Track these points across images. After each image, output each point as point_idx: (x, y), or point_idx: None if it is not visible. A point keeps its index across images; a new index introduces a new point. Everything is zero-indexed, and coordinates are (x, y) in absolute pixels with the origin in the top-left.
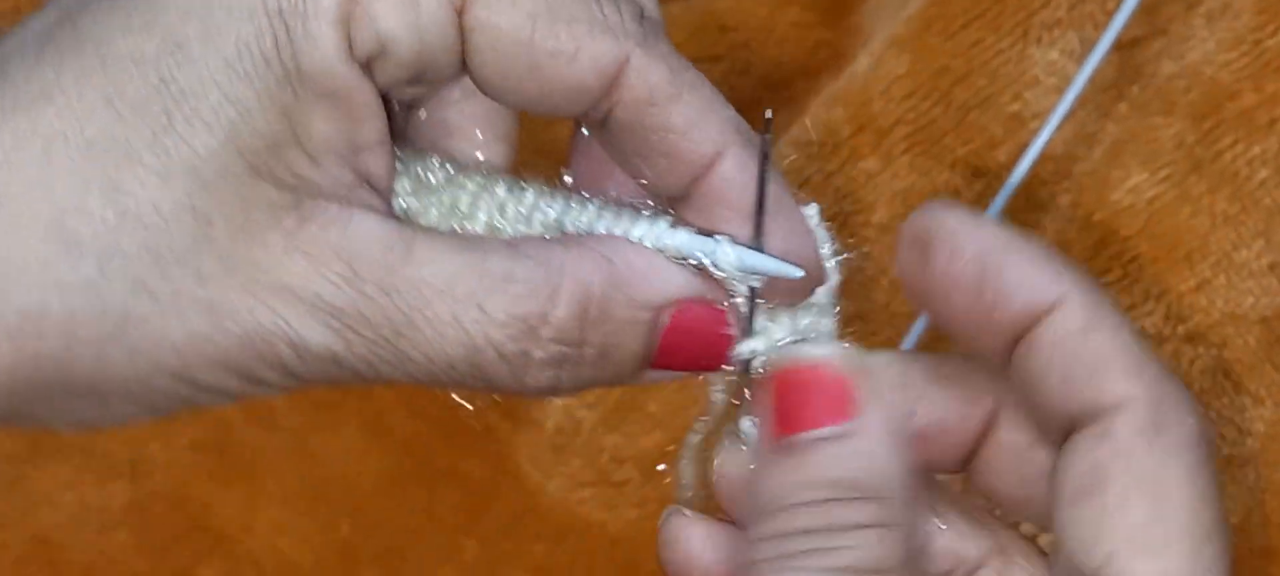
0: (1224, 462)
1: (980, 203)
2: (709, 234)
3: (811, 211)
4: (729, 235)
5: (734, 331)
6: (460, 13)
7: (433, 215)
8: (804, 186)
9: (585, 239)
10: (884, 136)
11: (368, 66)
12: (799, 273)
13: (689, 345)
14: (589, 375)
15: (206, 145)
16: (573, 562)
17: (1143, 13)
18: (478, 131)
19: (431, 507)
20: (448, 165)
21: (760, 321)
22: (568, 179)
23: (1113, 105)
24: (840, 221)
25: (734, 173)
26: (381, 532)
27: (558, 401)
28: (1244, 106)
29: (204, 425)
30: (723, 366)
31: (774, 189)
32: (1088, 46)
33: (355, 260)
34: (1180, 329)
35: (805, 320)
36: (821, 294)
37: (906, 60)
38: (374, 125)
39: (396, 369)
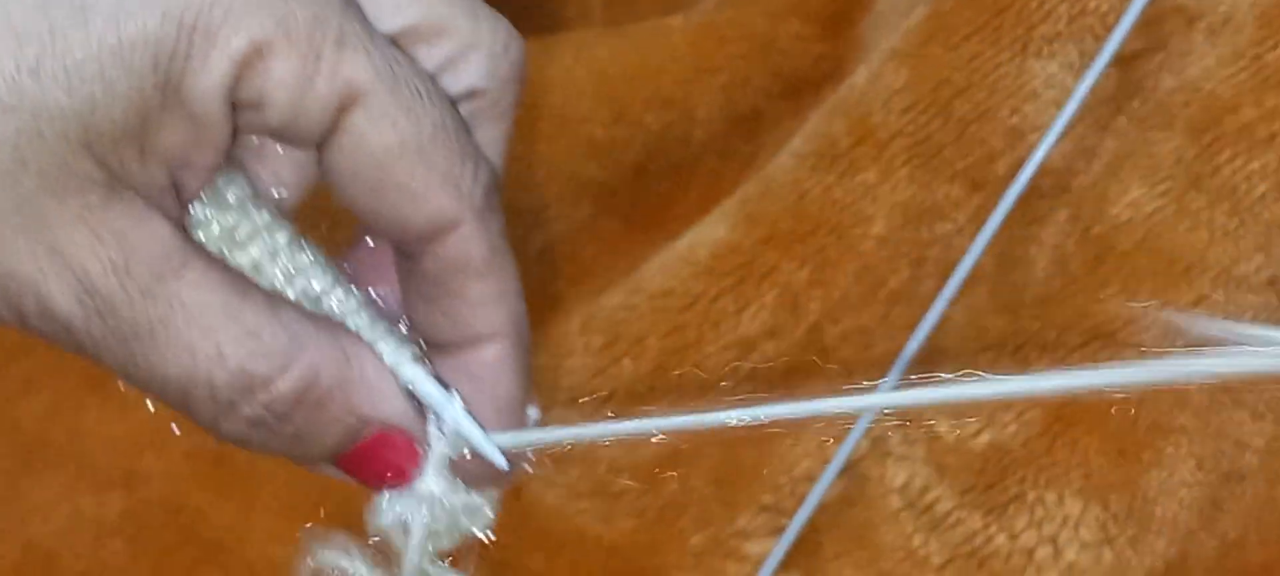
0: (1223, 478)
1: (980, 215)
2: (446, 387)
3: (533, 413)
4: (463, 399)
5: (417, 473)
6: (342, 110)
7: (213, 230)
8: (803, 199)
9: (335, 328)
10: (883, 149)
11: (235, 108)
12: (503, 465)
13: (375, 466)
14: (277, 447)
15: (58, 103)
16: (570, 573)
17: (1142, 27)
18: (285, 171)
19: None
20: (248, 191)
21: (434, 479)
22: (346, 264)
23: (1112, 119)
24: (838, 233)
25: (497, 361)
26: None
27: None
28: (1244, 121)
29: (200, 434)
30: (399, 487)
31: (518, 386)
32: (1087, 60)
33: (132, 255)
34: (1179, 343)
35: (467, 498)
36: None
37: (906, 73)
38: (213, 155)
39: (115, 362)
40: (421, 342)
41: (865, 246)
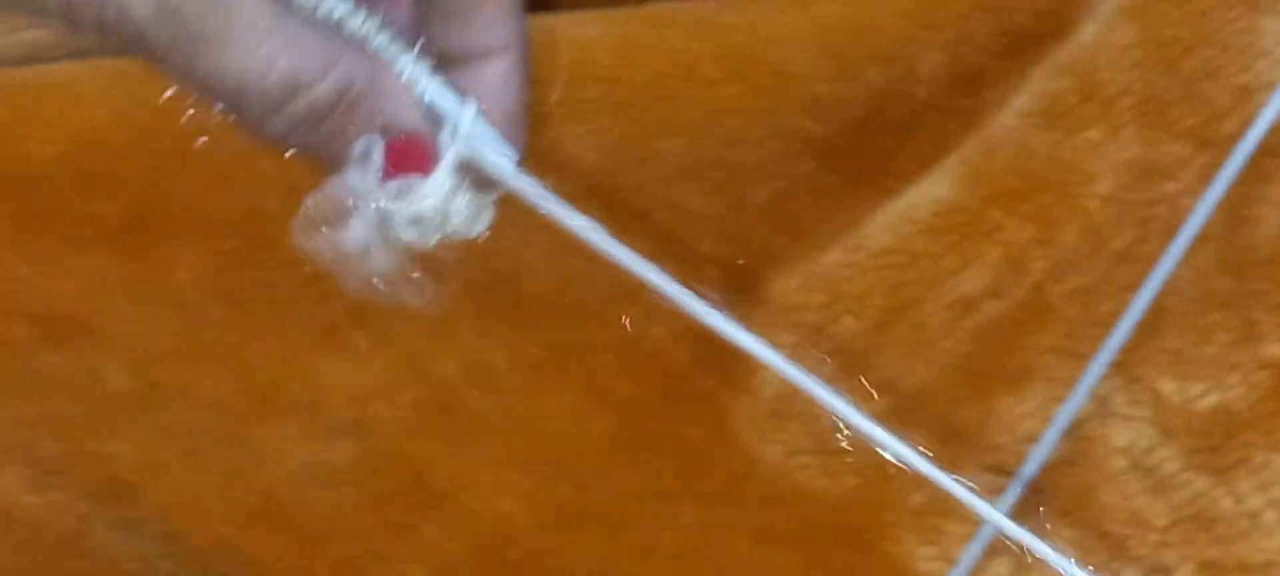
0: None
1: (1207, 174)
2: (460, 96)
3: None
4: (477, 105)
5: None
6: None
7: None
8: (1027, 157)
9: (362, 45)
10: (1109, 106)
11: None
12: (512, 166)
13: (394, 163)
14: (312, 144)
15: None
16: (792, 529)
17: None
18: None
19: (650, 472)
20: None
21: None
22: None
23: None
24: (1063, 192)
25: (506, 71)
26: (600, 495)
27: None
28: None
29: (427, 386)
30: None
31: (522, 97)
32: None
33: None
34: None
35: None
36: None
37: (1134, 29)
38: None
39: (179, 64)
40: (433, 58)
41: (1090, 205)
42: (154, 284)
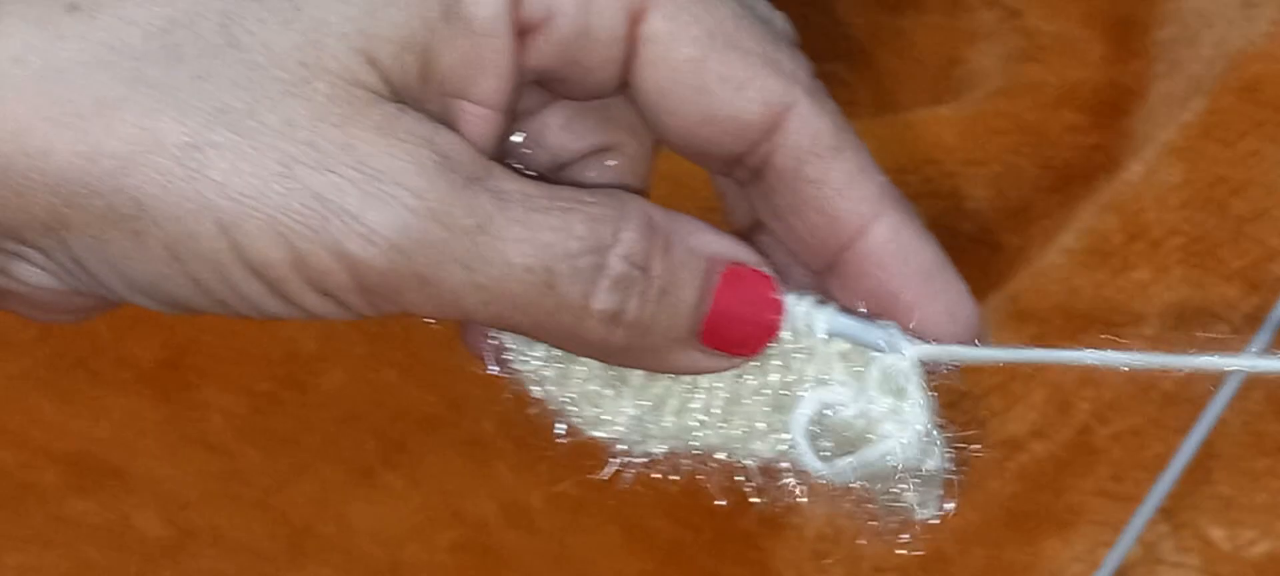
0: None
1: (1257, 316)
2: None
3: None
4: (893, 324)
5: (782, 299)
6: (635, 22)
7: None
8: (1074, 296)
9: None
10: (1157, 247)
11: (525, 32)
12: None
13: (746, 300)
14: (649, 314)
15: (336, 10)
16: None
17: None
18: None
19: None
20: None
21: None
22: None
23: None
24: (1110, 333)
25: (890, 236)
26: None
27: (818, 508)
28: None
29: (463, 527)
30: (771, 340)
31: (931, 248)
32: None
33: (447, 154)
34: None
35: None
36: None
37: (1182, 169)
38: (495, 85)
39: (459, 271)
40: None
41: (1137, 346)
42: (188, 426)
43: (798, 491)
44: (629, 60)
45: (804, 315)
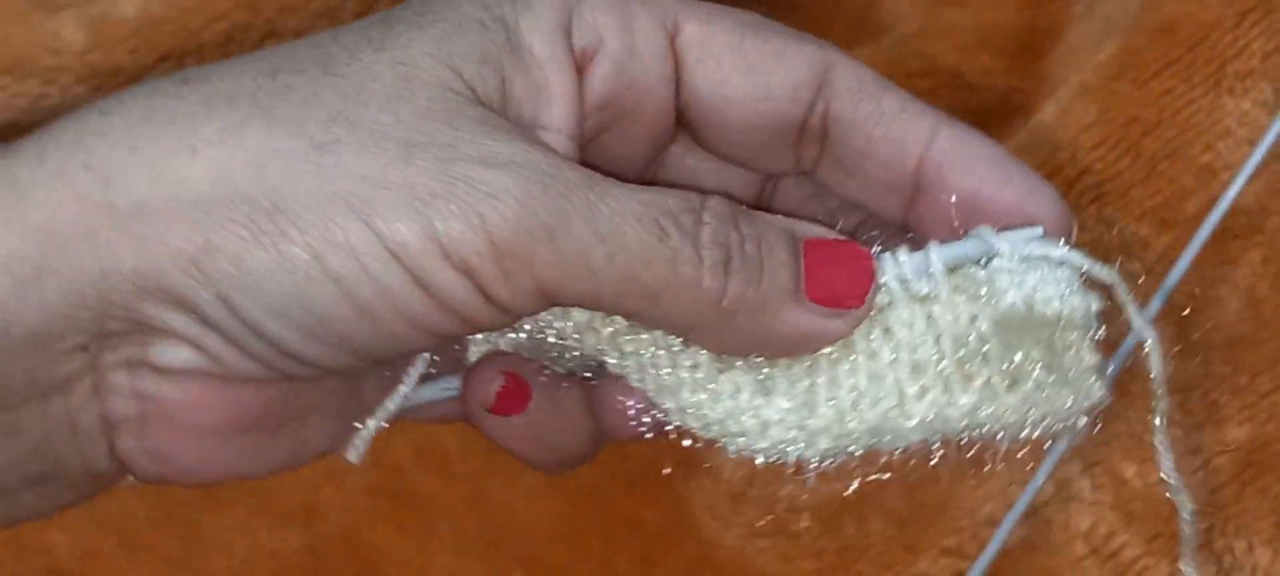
0: None
1: (1170, 256)
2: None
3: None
4: (979, 232)
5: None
6: (673, 36)
7: None
8: None
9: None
10: (1071, 187)
11: (582, 63)
12: (1039, 229)
13: (835, 258)
14: (753, 260)
15: (419, 37)
16: None
17: None
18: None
19: (608, 557)
20: None
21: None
22: None
23: None
24: None
25: (953, 140)
26: None
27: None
28: None
29: (379, 470)
30: (872, 283)
31: (993, 144)
32: None
33: (542, 142)
34: None
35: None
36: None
37: (1096, 109)
38: (564, 110)
39: (585, 223)
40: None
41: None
42: None
43: None
44: (679, 74)
45: (901, 262)
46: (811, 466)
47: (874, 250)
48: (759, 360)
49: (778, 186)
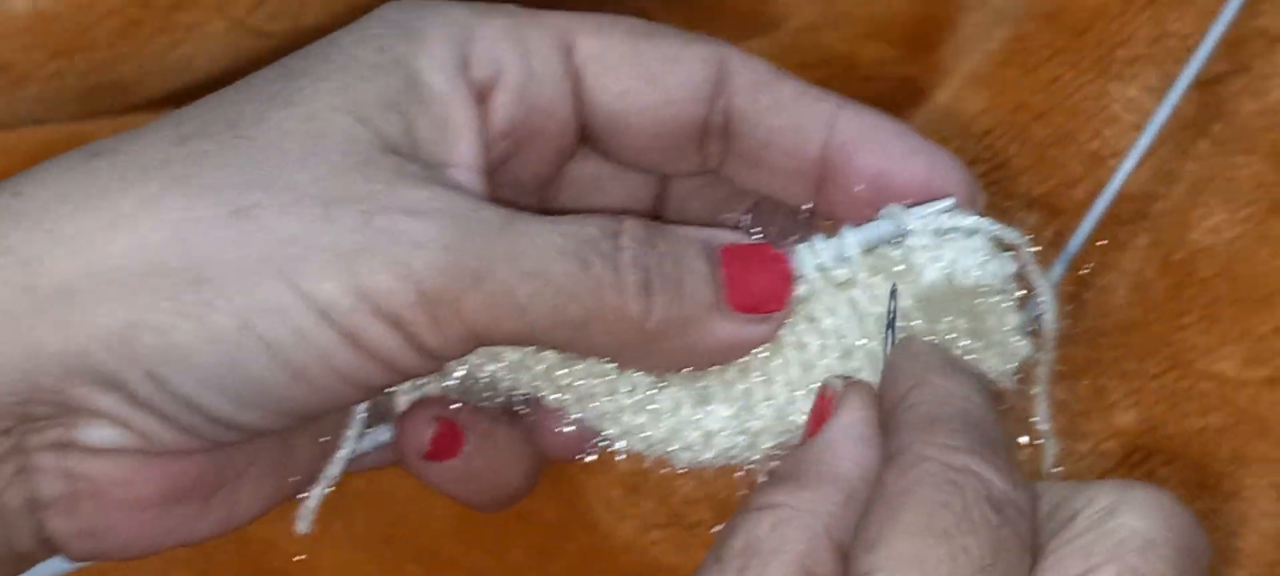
0: None
1: (1058, 242)
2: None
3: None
4: (890, 211)
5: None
6: (568, 52)
7: None
8: None
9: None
10: None
11: (483, 94)
12: (951, 200)
13: (753, 263)
14: (673, 277)
15: (323, 89)
16: None
17: (1225, 49)
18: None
19: (502, 549)
20: None
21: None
22: None
23: (1193, 143)
24: None
25: (855, 120)
26: (451, 575)
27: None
28: None
29: None
30: (792, 284)
31: (898, 124)
32: (1168, 83)
33: (458, 185)
34: (1260, 372)
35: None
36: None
37: (985, 96)
38: (468, 148)
39: (509, 263)
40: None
41: None
42: None
43: None
44: (578, 90)
45: (818, 251)
46: (765, 470)
47: (790, 244)
48: (694, 373)
49: (671, 183)
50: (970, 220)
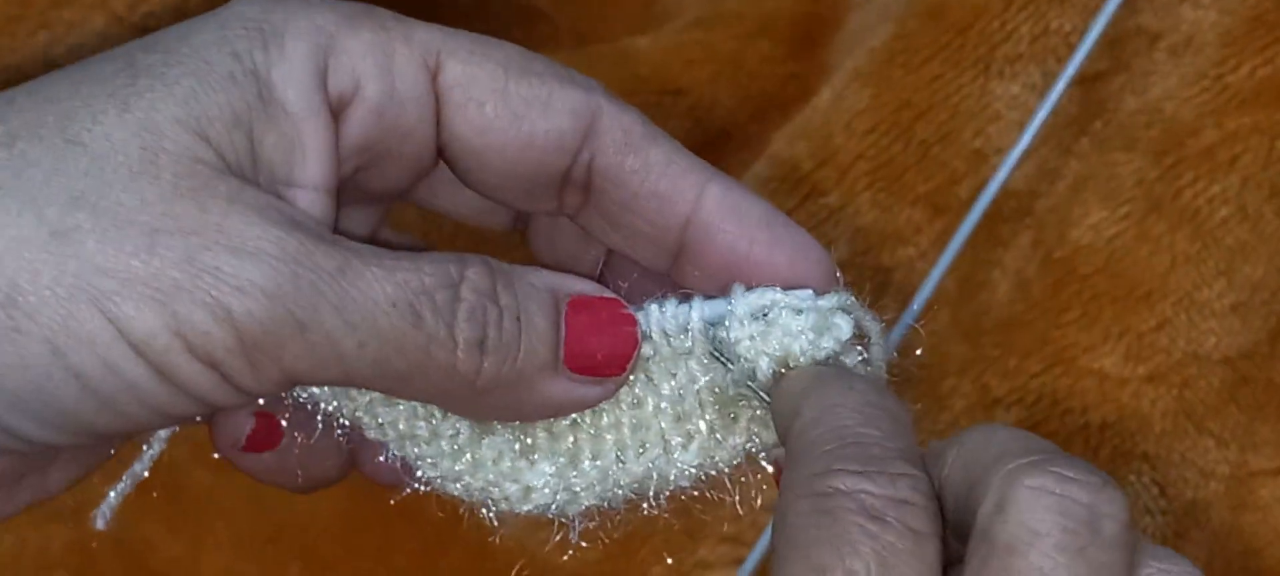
0: (1188, 506)
1: (942, 240)
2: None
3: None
4: (742, 286)
5: (634, 313)
6: (434, 74)
7: None
8: None
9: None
10: (845, 172)
11: (339, 108)
12: (809, 292)
13: (598, 322)
14: (509, 338)
15: (164, 99)
16: None
17: (1105, 47)
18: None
19: (387, 551)
20: None
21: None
22: None
23: (1074, 141)
24: None
25: (721, 197)
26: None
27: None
28: (1205, 144)
29: (152, 466)
30: (634, 352)
31: (762, 200)
32: (1050, 81)
33: (294, 216)
34: (1140, 369)
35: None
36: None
37: (868, 94)
38: (317, 168)
39: (335, 314)
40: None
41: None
42: None
43: None
44: (439, 115)
45: (666, 315)
46: (576, 522)
47: (642, 306)
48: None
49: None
50: (828, 302)
